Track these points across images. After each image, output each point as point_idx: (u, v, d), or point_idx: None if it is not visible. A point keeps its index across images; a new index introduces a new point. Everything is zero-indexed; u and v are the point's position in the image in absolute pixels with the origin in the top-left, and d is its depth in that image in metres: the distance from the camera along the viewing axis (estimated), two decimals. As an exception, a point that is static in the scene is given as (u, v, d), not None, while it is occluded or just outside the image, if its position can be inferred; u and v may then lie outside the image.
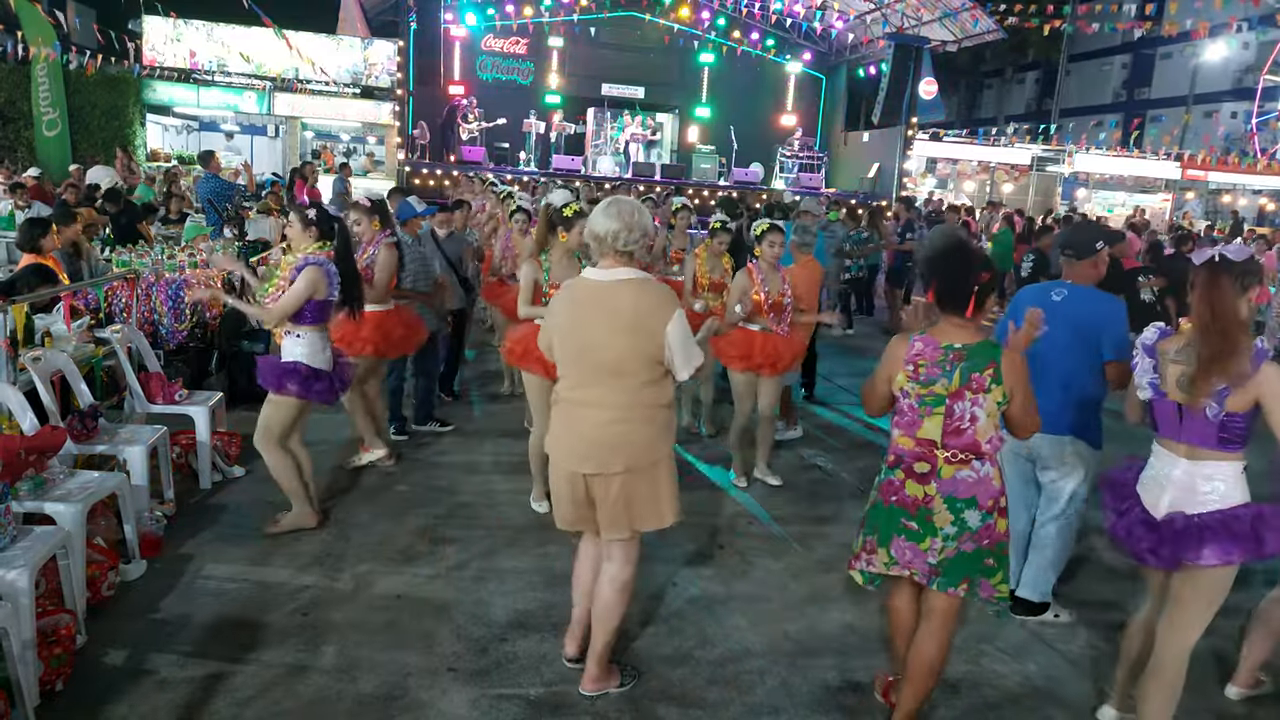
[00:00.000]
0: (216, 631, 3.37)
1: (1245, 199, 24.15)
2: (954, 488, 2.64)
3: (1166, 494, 2.68)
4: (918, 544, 2.69)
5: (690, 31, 21.99)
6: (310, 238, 4.14)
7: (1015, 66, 37.71)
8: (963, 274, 2.67)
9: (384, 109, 17.77)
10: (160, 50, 16.65)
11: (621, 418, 2.82)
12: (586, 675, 3.10)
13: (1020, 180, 23.51)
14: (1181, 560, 2.63)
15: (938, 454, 2.66)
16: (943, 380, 2.63)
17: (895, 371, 2.74)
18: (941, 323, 2.71)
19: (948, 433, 2.64)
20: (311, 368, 4.06)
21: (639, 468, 2.84)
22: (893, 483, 2.76)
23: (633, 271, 2.87)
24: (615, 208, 2.86)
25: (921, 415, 2.68)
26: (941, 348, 2.65)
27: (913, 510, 2.70)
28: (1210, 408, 2.55)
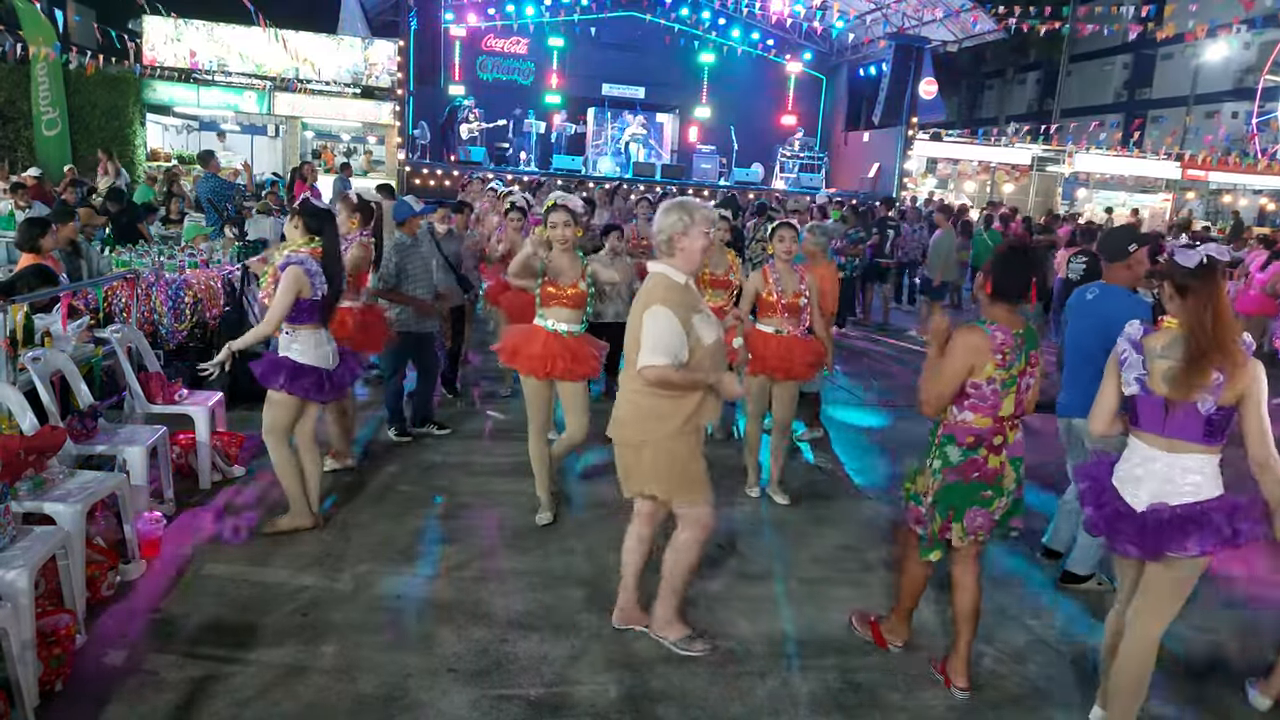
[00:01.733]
0: (216, 631, 3.36)
1: (1245, 199, 24.14)
2: (1016, 450, 3.08)
3: (1145, 486, 2.74)
4: (988, 508, 3.06)
5: (690, 31, 22.01)
6: (296, 230, 4.13)
7: (1016, 67, 37.71)
8: (1023, 269, 3.00)
9: (384, 109, 17.77)
10: (160, 50, 16.64)
11: (622, 396, 3.23)
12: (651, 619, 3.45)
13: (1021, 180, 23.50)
14: (1163, 551, 2.68)
15: (1007, 425, 3.02)
16: (1018, 363, 2.97)
17: (983, 362, 2.94)
18: (994, 311, 3.01)
19: (1016, 406, 3.02)
20: (297, 363, 4.05)
21: (627, 442, 3.21)
22: (975, 460, 3.03)
23: (659, 265, 3.16)
24: (661, 206, 3.17)
25: (1002, 397, 2.98)
26: (1014, 335, 2.97)
27: (991, 480, 3.04)
28: (1204, 401, 2.61)
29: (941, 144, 22.59)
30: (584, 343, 4.43)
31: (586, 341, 4.45)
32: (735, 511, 4.82)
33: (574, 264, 4.34)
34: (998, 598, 4.04)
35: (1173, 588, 2.76)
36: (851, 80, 22.99)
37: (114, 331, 4.86)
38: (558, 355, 4.29)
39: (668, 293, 3.06)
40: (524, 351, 4.33)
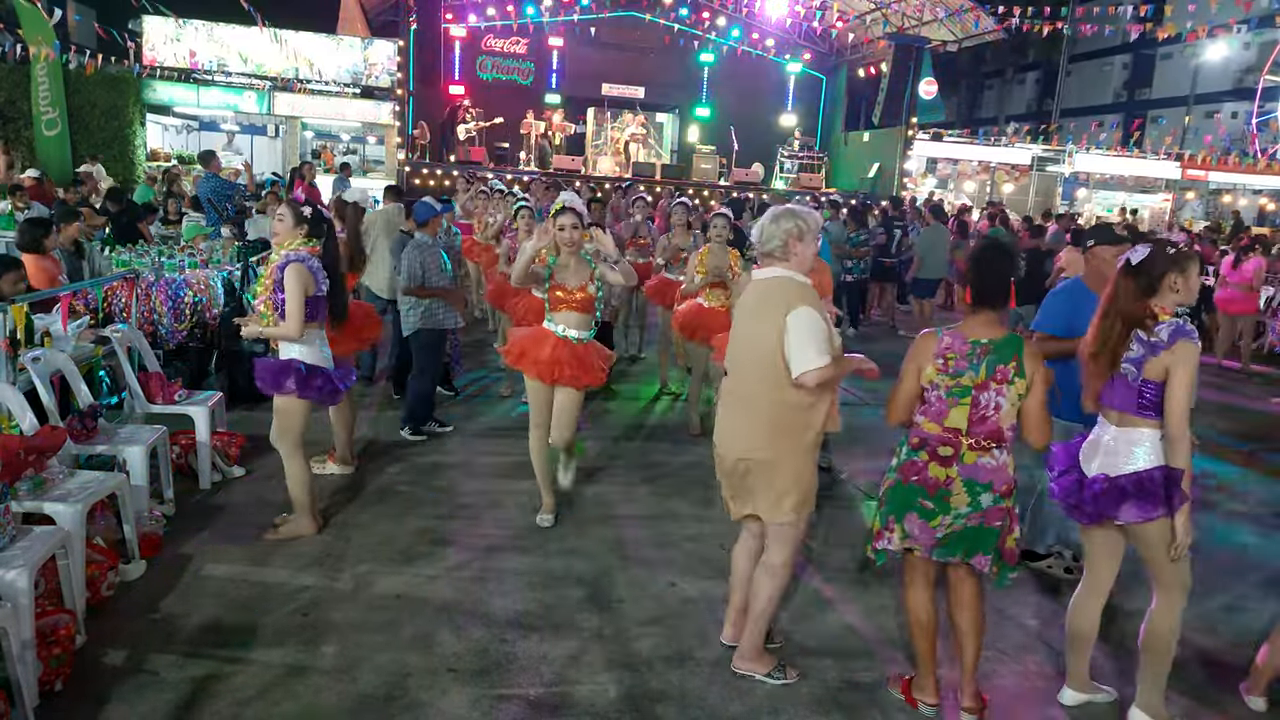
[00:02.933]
0: (216, 631, 3.36)
1: (1245, 199, 24.13)
2: (975, 472, 2.85)
3: (1097, 458, 2.95)
4: (928, 521, 2.91)
5: (690, 31, 21.99)
6: (299, 234, 4.08)
7: (1016, 67, 37.70)
8: (1001, 271, 2.96)
9: (384, 109, 17.75)
10: (160, 50, 16.63)
11: (743, 406, 3.05)
12: (737, 653, 3.27)
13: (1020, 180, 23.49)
14: (1104, 516, 2.91)
15: (962, 440, 2.86)
16: (970, 373, 2.83)
17: (925, 365, 2.91)
18: (971, 319, 2.92)
19: (973, 421, 2.84)
20: (308, 365, 4.04)
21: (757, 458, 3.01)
22: (915, 464, 2.94)
23: (779, 270, 3.03)
24: (770, 213, 3.09)
25: (949, 405, 2.87)
26: (969, 342, 2.86)
27: (931, 491, 2.90)
28: (1130, 373, 2.84)
29: (941, 144, 22.57)
30: (592, 351, 4.39)
31: (594, 350, 4.41)
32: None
33: (582, 267, 4.32)
34: (995, 599, 4.04)
35: (1159, 554, 2.88)
36: (851, 80, 22.97)
37: (114, 331, 4.87)
38: (565, 362, 4.25)
39: (803, 292, 2.99)
40: (531, 355, 4.31)
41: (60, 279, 5.53)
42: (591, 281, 4.32)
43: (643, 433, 6.23)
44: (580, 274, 4.31)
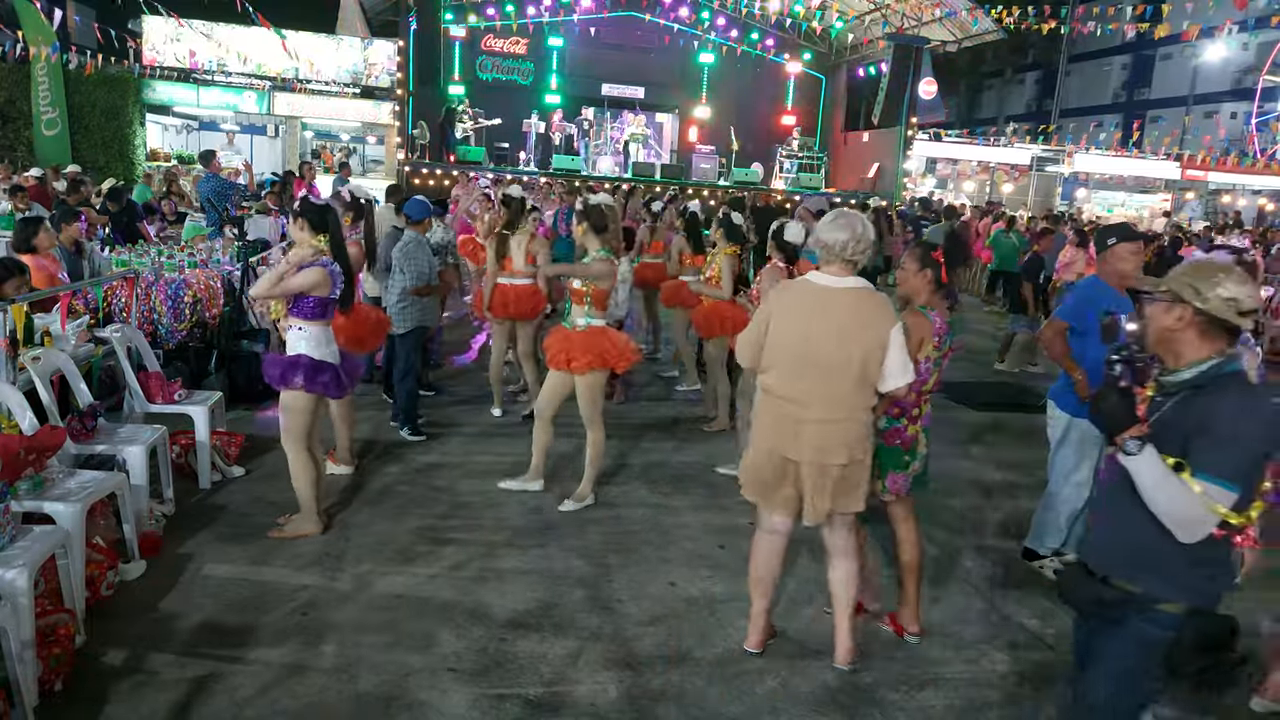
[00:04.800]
0: (216, 631, 3.36)
1: (1245, 199, 24.15)
2: (926, 421, 3.52)
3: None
4: (904, 471, 3.47)
5: (690, 31, 21.99)
6: (303, 230, 4.06)
7: (1015, 67, 37.74)
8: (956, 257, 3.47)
9: (384, 109, 17.76)
10: (160, 50, 16.64)
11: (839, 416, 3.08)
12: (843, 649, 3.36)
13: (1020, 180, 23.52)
14: None
15: (924, 399, 3.45)
16: (945, 344, 3.44)
17: (927, 343, 3.35)
18: (939, 300, 3.42)
19: (935, 383, 3.48)
20: (314, 359, 4.04)
21: (855, 460, 3.13)
22: (898, 429, 3.42)
23: (860, 280, 3.12)
24: (844, 219, 3.11)
25: (932, 373, 3.41)
26: (948, 321, 3.45)
27: (907, 446, 3.45)
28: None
29: (941, 144, 22.61)
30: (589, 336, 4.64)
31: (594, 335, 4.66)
32: (735, 511, 4.82)
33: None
34: (997, 600, 4.05)
35: None
36: (851, 80, 22.97)
37: (114, 331, 4.86)
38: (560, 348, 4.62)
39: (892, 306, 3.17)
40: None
41: (59, 277, 5.52)
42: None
43: (642, 432, 6.23)
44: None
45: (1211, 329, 2.03)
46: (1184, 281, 2.06)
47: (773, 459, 3.16)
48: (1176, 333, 2.07)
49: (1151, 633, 2.07)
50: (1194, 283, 2.04)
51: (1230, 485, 1.94)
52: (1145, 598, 2.08)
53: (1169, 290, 2.08)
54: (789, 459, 3.11)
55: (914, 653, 3.51)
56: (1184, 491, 1.95)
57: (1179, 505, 1.97)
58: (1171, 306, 2.07)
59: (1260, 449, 1.98)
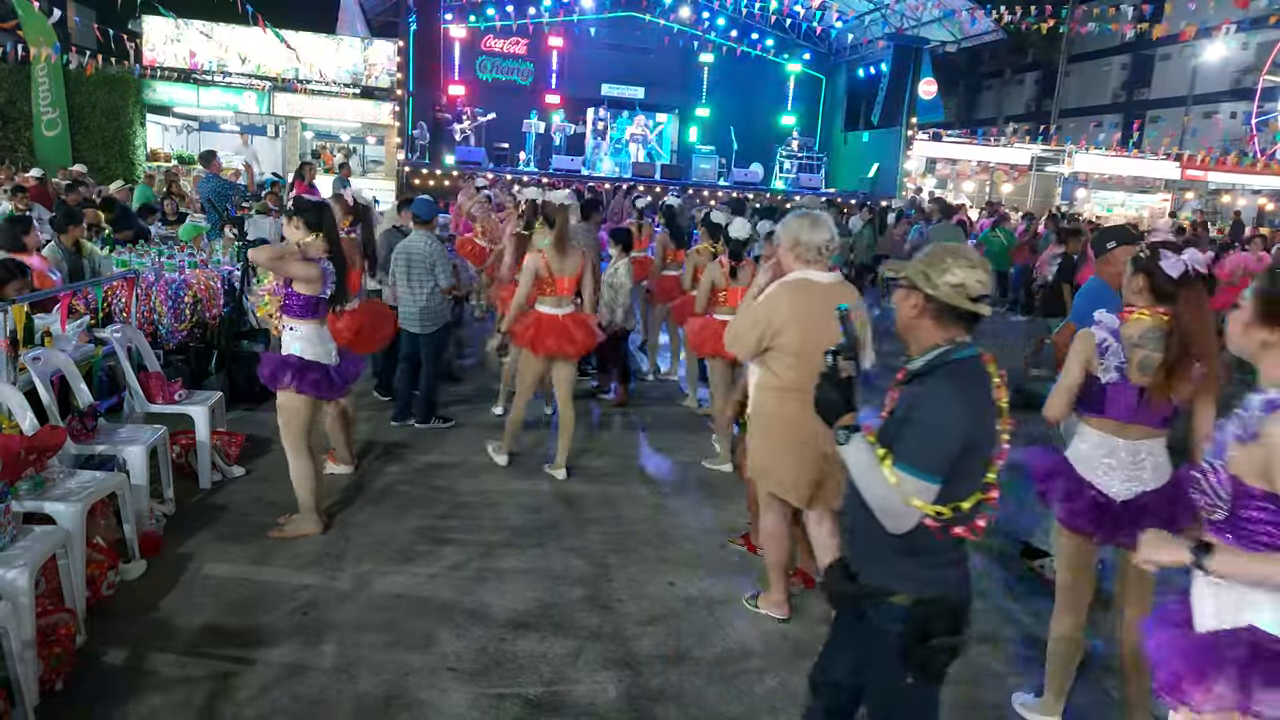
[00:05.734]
0: (216, 631, 3.37)
1: (1244, 199, 24.15)
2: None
3: (1117, 475, 2.80)
4: None
5: (690, 31, 22.00)
6: (299, 230, 4.08)
7: (1015, 67, 37.73)
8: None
9: (384, 109, 17.77)
10: (160, 50, 16.64)
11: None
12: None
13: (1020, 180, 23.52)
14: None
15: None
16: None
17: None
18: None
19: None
20: (304, 360, 4.04)
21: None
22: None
23: (838, 274, 3.43)
24: (820, 220, 3.31)
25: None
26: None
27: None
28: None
29: (941, 144, 22.61)
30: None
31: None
32: (734, 511, 4.83)
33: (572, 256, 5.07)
34: (997, 600, 4.05)
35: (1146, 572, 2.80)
36: (851, 80, 22.98)
37: (114, 331, 4.87)
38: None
39: None
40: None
41: (50, 276, 5.52)
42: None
43: (642, 432, 6.23)
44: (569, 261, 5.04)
45: (944, 316, 2.00)
46: (919, 269, 2.03)
47: (810, 452, 3.29)
48: (913, 320, 2.06)
49: (885, 626, 2.06)
50: (926, 269, 2.01)
51: (927, 476, 1.90)
52: (879, 591, 2.06)
53: (906, 277, 2.07)
54: (824, 450, 3.21)
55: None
56: (884, 482, 1.92)
57: (878, 496, 1.94)
58: (908, 294, 2.06)
59: (960, 439, 1.91)
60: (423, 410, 5.98)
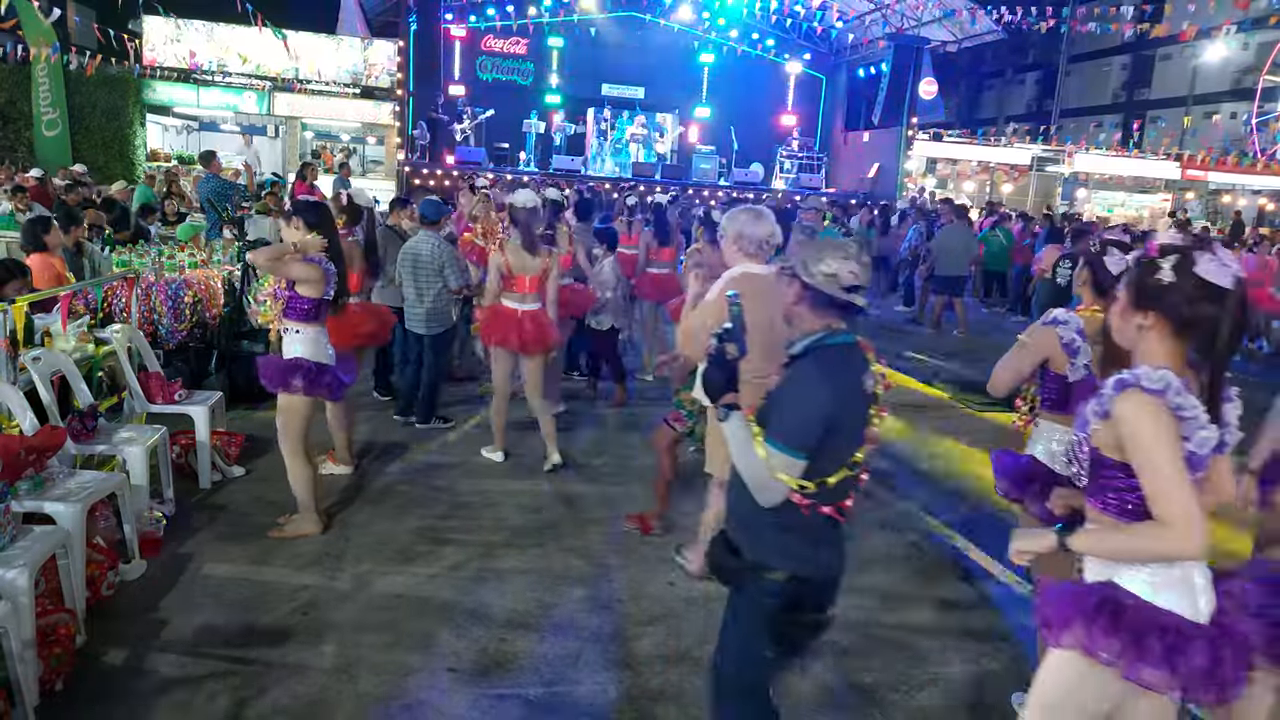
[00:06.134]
0: (216, 631, 3.37)
1: (1245, 199, 24.14)
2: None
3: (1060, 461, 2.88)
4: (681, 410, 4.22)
5: (690, 31, 21.99)
6: (299, 231, 4.08)
7: (1015, 67, 37.72)
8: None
9: (384, 109, 17.76)
10: (160, 50, 16.64)
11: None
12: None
13: (1020, 180, 23.51)
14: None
15: None
16: None
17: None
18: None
19: None
20: (315, 363, 4.05)
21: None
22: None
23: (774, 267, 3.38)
24: (763, 215, 3.43)
25: None
26: None
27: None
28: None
29: (941, 144, 22.59)
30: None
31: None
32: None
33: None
34: (1001, 602, 4.05)
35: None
36: (851, 80, 22.97)
37: (114, 331, 4.87)
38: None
39: None
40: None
41: (66, 275, 5.53)
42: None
43: (641, 432, 6.23)
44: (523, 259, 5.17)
45: (820, 304, 2.14)
46: (800, 258, 2.17)
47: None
48: (794, 306, 2.19)
49: (762, 600, 2.16)
50: (805, 258, 2.15)
51: (792, 452, 2.03)
52: (757, 565, 2.17)
53: (789, 266, 2.20)
54: None
55: (914, 653, 3.51)
56: (755, 457, 2.05)
57: (750, 469, 2.07)
58: (791, 281, 2.19)
59: (823, 418, 2.03)
60: (423, 411, 5.98)
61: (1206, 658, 1.78)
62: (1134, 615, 1.83)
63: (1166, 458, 1.78)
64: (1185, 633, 1.81)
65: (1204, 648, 1.79)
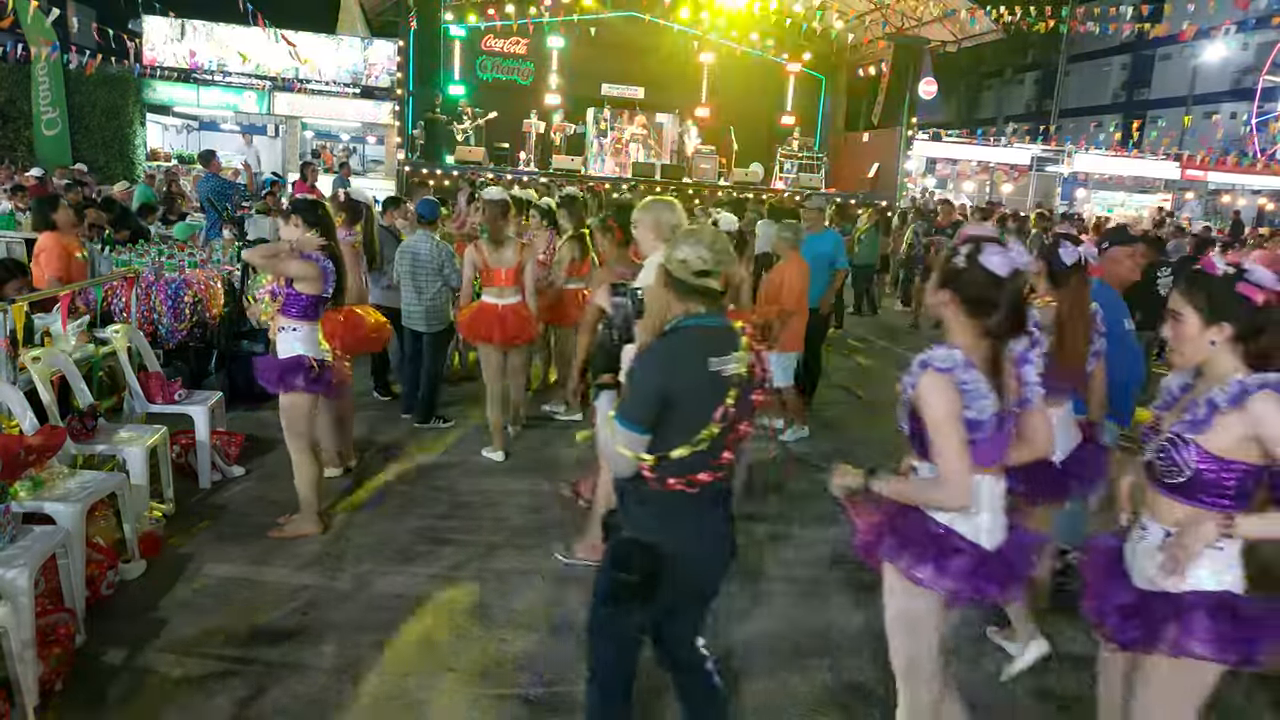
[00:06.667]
0: (216, 631, 3.37)
1: (1244, 199, 24.15)
2: None
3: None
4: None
5: (690, 31, 21.98)
6: (298, 229, 4.07)
7: (1015, 67, 37.75)
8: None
9: (384, 109, 17.76)
10: (160, 50, 16.64)
11: None
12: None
13: (1020, 180, 23.53)
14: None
15: None
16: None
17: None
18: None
19: None
20: (311, 359, 4.04)
21: None
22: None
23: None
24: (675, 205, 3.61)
25: None
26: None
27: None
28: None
29: (941, 144, 22.62)
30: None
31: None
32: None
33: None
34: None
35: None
36: (851, 80, 22.96)
37: (114, 331, 4.87)
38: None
39: None
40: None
41: (81, 255, 5.53)
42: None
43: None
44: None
45: (680, 290, 2.24)
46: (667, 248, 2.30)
47: None
48: (659, 292, 2.31)
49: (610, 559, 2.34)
50: (669, 249, 2.28)
51: (630, 426, 2.17)
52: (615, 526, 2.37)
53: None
54: None
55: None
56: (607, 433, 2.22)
57: (604, 441, 2.25)
58: (659, 269, 2.32)
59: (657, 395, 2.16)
60: (423, 410, 5.99)
61: (968, 563, 2.16)
62: (917, 528, 2.23)
63: (949, 427, 2.10)
64: (958, 547, 2.18)
65: (969, 558, 2.17)
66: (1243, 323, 2.01)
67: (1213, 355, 2.07)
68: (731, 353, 2.22)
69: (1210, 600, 2.01)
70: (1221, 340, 2.04)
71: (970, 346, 2.15)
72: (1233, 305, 2.02)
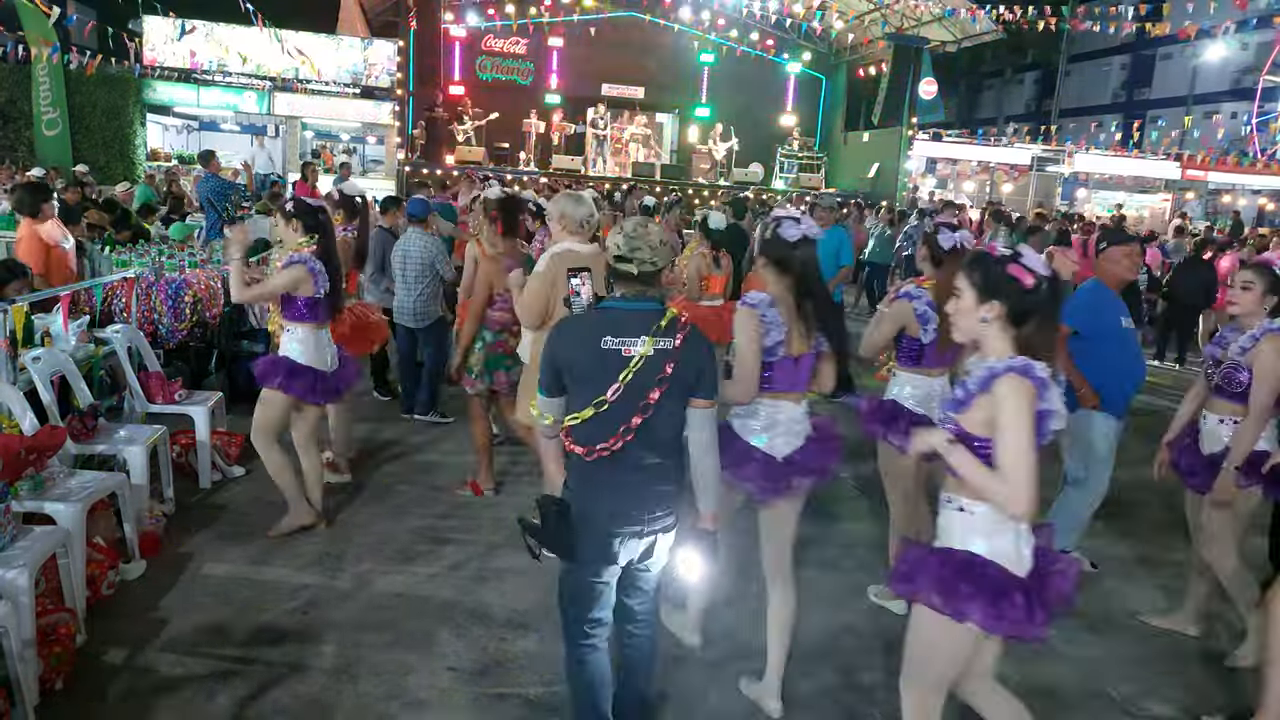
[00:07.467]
0: (216, 631, 3.37)
1: (1245, 199, 24.13)
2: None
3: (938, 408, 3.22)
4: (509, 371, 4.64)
5: (690, 31, 21.98)
6: (296, 233, 4.11)
7: (1015, 67, 37.73)
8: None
9: (384, 109, 17.76)
10: (160, 50, 16.64)
11: None
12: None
13: (1020, 180, 23.50)
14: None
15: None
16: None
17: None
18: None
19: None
20: (295, 363, 4.04)
21: None
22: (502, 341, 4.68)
23: (596, 246, 3.74)
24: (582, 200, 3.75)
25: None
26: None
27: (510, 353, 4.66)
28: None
29: (941, 144, 22.57)
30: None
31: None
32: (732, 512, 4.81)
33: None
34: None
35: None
36: (851, 80, 22.96)
37: (114, 331, 4.87)
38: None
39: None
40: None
41: (63, 245, 5.51)
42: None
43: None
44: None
45: (613, 275, 2.44)
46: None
47: None
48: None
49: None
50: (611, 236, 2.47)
51: (541, 390, 2.47)
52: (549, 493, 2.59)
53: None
54: None
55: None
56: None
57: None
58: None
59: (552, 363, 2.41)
60: (425, 402, 6.06)
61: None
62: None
63: (749, 350, 2.73)
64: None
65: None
66: (1012, 302, 2.14)
67: (987, 335, 2.19)
68: (640, 335, 2.34)
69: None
70: (993, 318, 2.16)
71: (780, 296, 2.78)
72: (1003, 285, 2.14)
